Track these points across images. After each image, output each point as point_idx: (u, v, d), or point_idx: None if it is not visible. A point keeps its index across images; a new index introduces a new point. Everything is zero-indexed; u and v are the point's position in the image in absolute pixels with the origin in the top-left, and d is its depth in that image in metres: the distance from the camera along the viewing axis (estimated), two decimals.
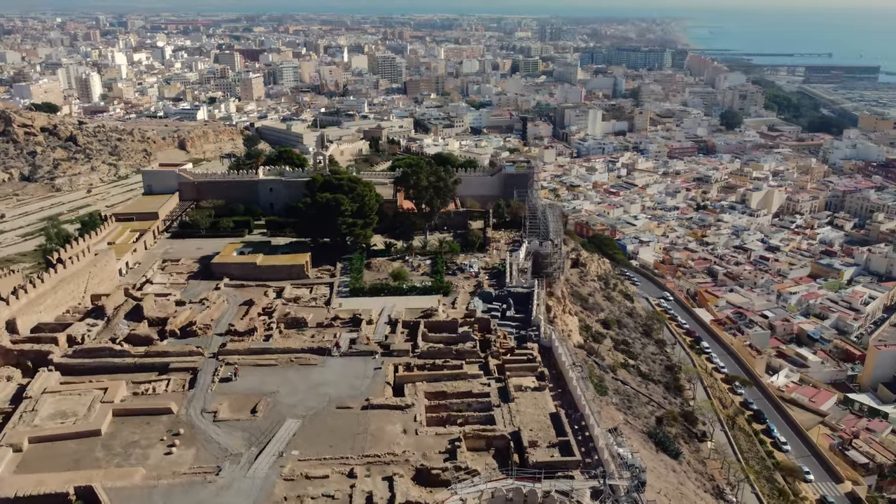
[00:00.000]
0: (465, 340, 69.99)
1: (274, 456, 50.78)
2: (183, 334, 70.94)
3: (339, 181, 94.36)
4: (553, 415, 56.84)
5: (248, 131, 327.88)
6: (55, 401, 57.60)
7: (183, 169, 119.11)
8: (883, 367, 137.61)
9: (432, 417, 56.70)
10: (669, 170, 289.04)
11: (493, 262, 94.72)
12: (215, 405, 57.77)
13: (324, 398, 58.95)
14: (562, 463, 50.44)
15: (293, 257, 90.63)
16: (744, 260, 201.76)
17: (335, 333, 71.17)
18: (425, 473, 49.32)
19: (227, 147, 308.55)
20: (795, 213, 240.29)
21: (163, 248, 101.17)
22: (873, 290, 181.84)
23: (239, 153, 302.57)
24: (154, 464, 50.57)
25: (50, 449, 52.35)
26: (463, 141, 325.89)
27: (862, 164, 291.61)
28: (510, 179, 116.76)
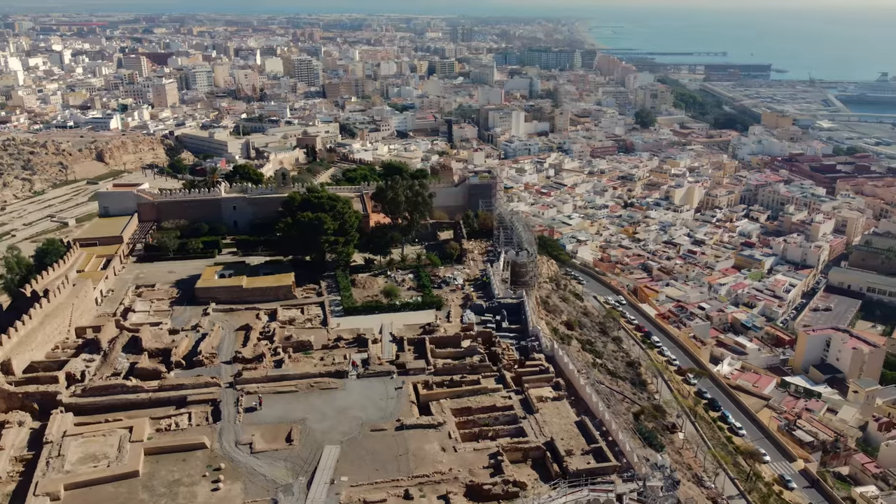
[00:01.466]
0: (472, 354, 72.45)
1: (326, 484, 51.70)
2: (189, 365, 70.01)
3: (319, 199, 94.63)
4: (578, 423, 60.20)
5: (168, 140, 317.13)
6: (80, 444, 56.16)
7: (141, 189, 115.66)
8: (812, 350, 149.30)
9: (465, 434, 58.88)
10: (594, 169, 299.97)
11: (474, 273, 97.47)
12: (248, 436, 57.87)
13: (354, 422, 60.05)
14: (600, 469, 53.81)
15: (278, 278, 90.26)
16: (674, 254, 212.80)
17: (344, 355, 72.07)
18: (476, 489, 51.59)
19: (147, 157, 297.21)
20: (715, 207, 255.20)
21: (132, 272, 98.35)
22: (792, 278, 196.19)
23: (161, 163, 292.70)
24: (204, 501, 50.52)
25: (88, 495, 51.30)
26: (391, 145, 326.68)
27: (768, 158, 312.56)
28: (474, 189, 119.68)
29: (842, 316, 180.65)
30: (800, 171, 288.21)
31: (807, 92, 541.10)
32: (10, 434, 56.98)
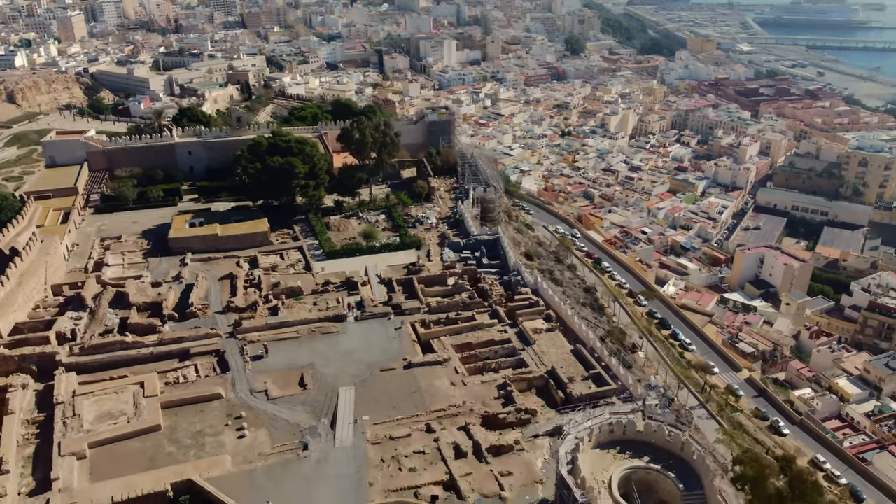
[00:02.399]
0: (460, 291, 75.04)
1: (350, 424, 53.99)
2: (182, 317, 69.84)
3: (287, 143, 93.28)
4: (573, 351, 64.17)
5: (84, 78, 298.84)
6: (93, 402, 56.24)
7: (89, 137, 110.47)
8: (747, 268, 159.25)
9: (470, 368, 61.97)
10: (530, 98, 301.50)
11: (444, 211, 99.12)
12: (261, 384, 59.20)
13: (362, 363, 62.12)
14: (601, 393, 58.06)
15: (253, 224, 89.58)
16: (613, 181, 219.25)
17: (337, 299, 73.36)
18: (491, 419, 55.03)
19: (63, 98, 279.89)
20: (648, 133, 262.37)
21: (93, 225, 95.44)
22: (724, 200, 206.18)
23: (79, 104, 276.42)
24: (233, 449, 52.01)
25: (114, 451, 51.96)
26: (322, 78, 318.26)
27: (695, 83, 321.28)
28: (434, 126, 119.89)
29: (770, 234, 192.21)
30: (725, 95, 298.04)
31: (726, 15, 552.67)
32: (16, 397, 56.38)
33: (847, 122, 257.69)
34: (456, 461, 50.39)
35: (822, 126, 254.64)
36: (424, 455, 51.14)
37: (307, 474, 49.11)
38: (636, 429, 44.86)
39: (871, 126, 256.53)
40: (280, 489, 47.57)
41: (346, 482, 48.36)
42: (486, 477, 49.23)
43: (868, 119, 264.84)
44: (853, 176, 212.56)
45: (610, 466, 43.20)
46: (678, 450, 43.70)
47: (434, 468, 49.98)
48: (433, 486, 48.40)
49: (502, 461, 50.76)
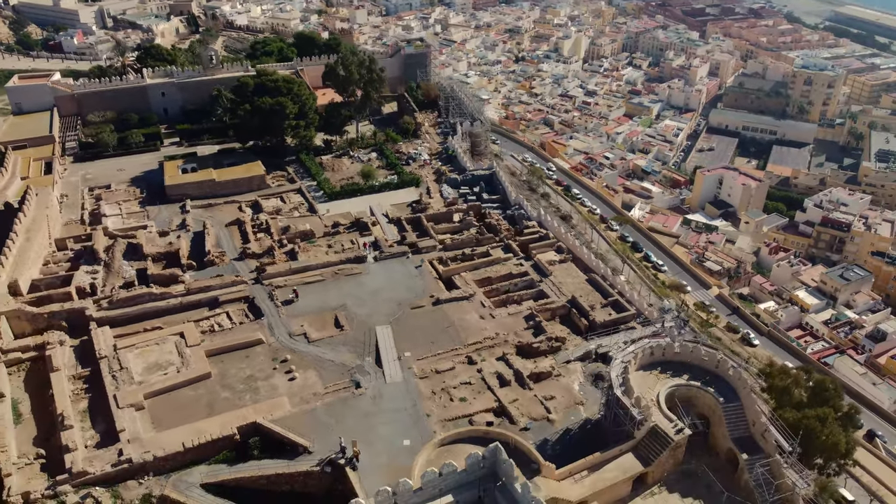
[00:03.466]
0: (468, 227, 77.45)
1: (395, 360, 56.69)
2: (200, 266, 70.26)
3: (275, 83, 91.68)
4: (588, 280, 67.81)
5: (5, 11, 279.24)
6: (137, 355, 57.19)
7: (56, 81, 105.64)
8: (707, 189, 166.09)
9: (494, 301, 65.00)
10: (480, 23, 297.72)
11: (433, 147, 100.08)
12: (298, 327, 61.00)
13: (391, 302, 64.40)
14: (621, 319, 62.20)
15: (248, 168, 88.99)
16: (571, 107, 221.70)
17: (351, 240, 74.76)
18: (525, 348, 58.61)
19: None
20: (601, 57, 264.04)
21: (76, 174, 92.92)
22: (679, 123, 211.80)
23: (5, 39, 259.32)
24: (287, 391, 54.18)
25: (170, 401, 53.47)
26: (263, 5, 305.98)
27: (642, 3, 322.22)
28: (410, 59, 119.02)
29: (723, 154, 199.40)
30: (673, 15, 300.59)
31: None
32: (57, 354, 56.76)
33: (790, 41, 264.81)
34: (501, 389, 53.95)
35: (767, 45, 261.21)
36: (471, 385, 54.48)
37: (366, 410, 51.90)
38: (674, 350, 48.99)
39: (813, 44, 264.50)
40: (343, 425, 50.30)
41: (405, 415, 51.40)
42: (531, 402, 53.03)
43: (809, 37, 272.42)
44: (799, 95, 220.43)
45: (655, 385, 47.42)
46: (713, 367, 48.14)
47: (482, 397, 53.46)
48: (485, 414, 51.93)
49: (543, 386, 54.60)
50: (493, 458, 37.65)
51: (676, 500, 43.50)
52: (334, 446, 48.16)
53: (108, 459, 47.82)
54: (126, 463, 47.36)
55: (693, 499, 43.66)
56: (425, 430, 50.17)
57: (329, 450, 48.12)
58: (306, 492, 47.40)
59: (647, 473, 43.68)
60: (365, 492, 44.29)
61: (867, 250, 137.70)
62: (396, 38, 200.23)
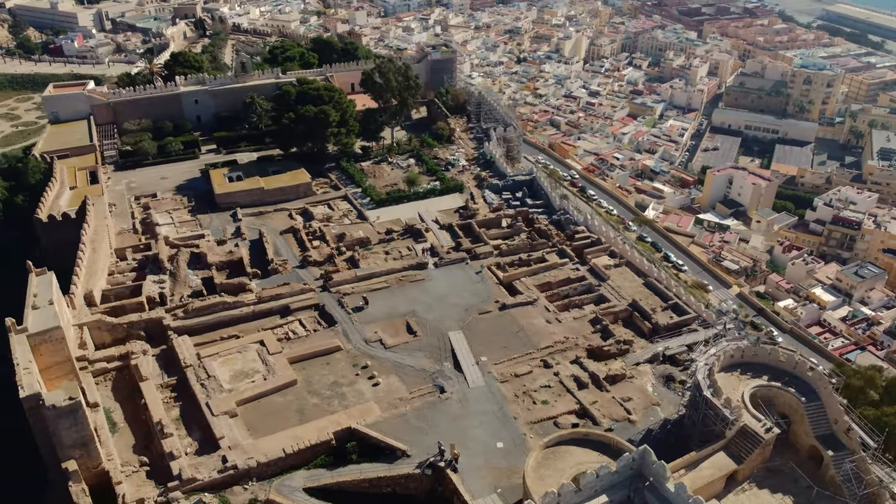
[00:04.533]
0: (518, 233, 79.54)
1: (474, 365, 58.61)
2: (265, 274, 71.71)
3: (317, 91, 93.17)
4: (645, 284, 70.10)
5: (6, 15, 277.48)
6: (221, 363, 58.71)
7: (91, 89, 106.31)
8: (716, 188, 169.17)
9: (558, 306, 67.08)
10: (479, 23, 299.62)
11: (469, 153, 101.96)
12: (372, 334, 62.75)
13: (458, 308, 66.31)
14: (683, 322, 64.55)
15: (294, 176, 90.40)
16: (575, 108, 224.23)
17: (408, 246, 76.50)
18: (595, 351, 60.83)
19: None
20: (602, 57, 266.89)
21: (120, 182, 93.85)
22: (683, 122, 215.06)
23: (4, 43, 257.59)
24: (374, 396, 55.96)
25: (260, 408, 55.08)
26: (262, 7, 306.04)
27: (638, 3, 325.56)
28: (437, 65, 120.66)
29: (728, 154, 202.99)
30: (669, 15, 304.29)
31: None
32: (143, 363, 58.16)
33: (786, 40, 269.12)
34: (580, 391, 56.11)
35: (764, 44, 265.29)
36: (550, 388, 56.57)
37: (454, 414, 53.81)
38: (752, 352, 51.37)
39: (809, 43, 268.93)
40: (435, 429, 52.18)
41: (493, 418, 53.38)
42: (610, 403, 55.24)
43: (805, 36, 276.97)
44: (799, 94, 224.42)
45: (738, 386, 49.74)
46: (791, 368, 50.56)
47: (563, 399, 55.57)
48: (568, 416, 54.05)
49: (619, 388, 56.82)
50: (642, 460, 39.75)
51: (766, 495, 45.82)
52: (431, 449, 50.04)
53: (214, 466, 49.40)
54: (232, 469, 48.99)
55: (782, 494, 46.00)
56: (515, 432, 52.21)
57: (427, 453, 49.99)
58: (407, 494, 49.21)
59: (738, 471, 45.96)
60: (471, 493, 46.24)
61: (878, 248, 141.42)
62: (422, 44, 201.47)
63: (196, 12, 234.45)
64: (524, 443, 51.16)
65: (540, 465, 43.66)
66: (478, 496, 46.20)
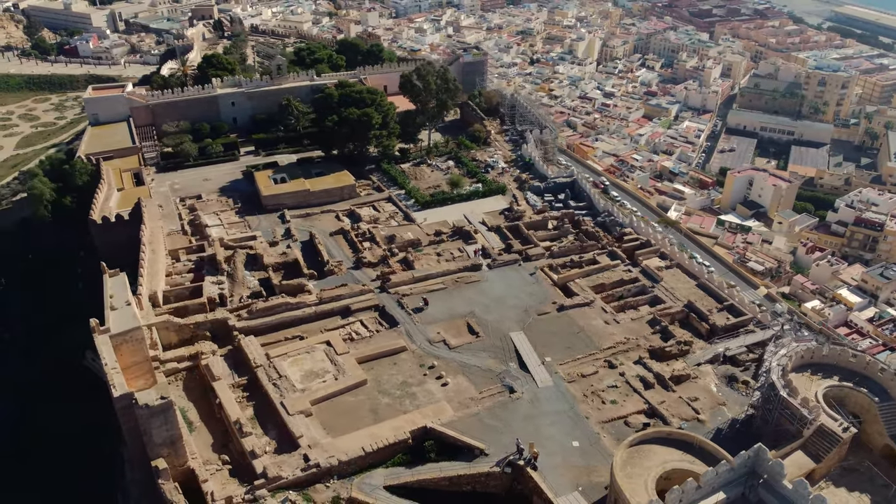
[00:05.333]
0: (566, 235, 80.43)
1: (540, 365, 59.49)
2: (320, 275, 72.53)
3: (359, 94, 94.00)
4: (699, 285, 71.01)
5: (16, 15, 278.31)
6: (290, 363, 59.51)
7: (131, 92, 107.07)
8: (737, 189, 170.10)
9: (613, 307, 67.96)
10: (491, 25, 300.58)
11: (506, 155, 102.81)
12: (435, 335, 63.60)
13: (517, 309, 67.20)
14: (740, 322, 65.45)
15: (338, 178, 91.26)
16: (591, 109, 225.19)
17: (459, 248, 77.34)
18: (657, 352, 61.73)
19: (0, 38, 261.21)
20: (614, 58, 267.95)
21: (164, 184, 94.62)
22: (699, 124, 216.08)
23: (19, 44, 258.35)
24: (444, 396, 56.80)
25: (333, 407, 55.93)
26: (273, 8, 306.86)
27: (648, 4, 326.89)
28: (469, 67, 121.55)
29: (744, 155, 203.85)
30: (680, 16, 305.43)
31: None
32: (214, 364, 59.00)
33: (798, 42, 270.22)
34: (647, 391, 57.00)
35: (776, 46, 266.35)
36: (617, 388, 57.46)
37: (526, 413, 54.69)
38: (822, 353, 52.30)
39: (821, 45, 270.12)
40: (510, 428, 53.06)
41: (565, 417, 54.26)
42: (677, 403, 56.14)
43: (816, 38, 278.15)
44: (813, 95, 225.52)
45: (810, 387, 50.69)
46: (861, 369, 51.51)
47: (631, 399, 56.47)
48: (638, 415, 54.94)
49: (684, 388, 57.72)
50: (756, 458, 40.65)
51: (844, 493, 46.77)
52: (507, 448, 50.93)
53: (296, 464, 50.23)
54: (314, 467, 49.84)
55: (859, 493, 46.94)
56: (588, 431, 53.11)
57: (503, 451, 50.86)
58: (487, 492, 50.07)
59: (816, 469, 46.91)
60: (553, 491, 47.12)
61: None
62: (453, 47, 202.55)
63: (213, 14, 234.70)
64: (598, 442, 52.08)
65: (626, 463, 44.56)
66: (559, 494, 47.03)
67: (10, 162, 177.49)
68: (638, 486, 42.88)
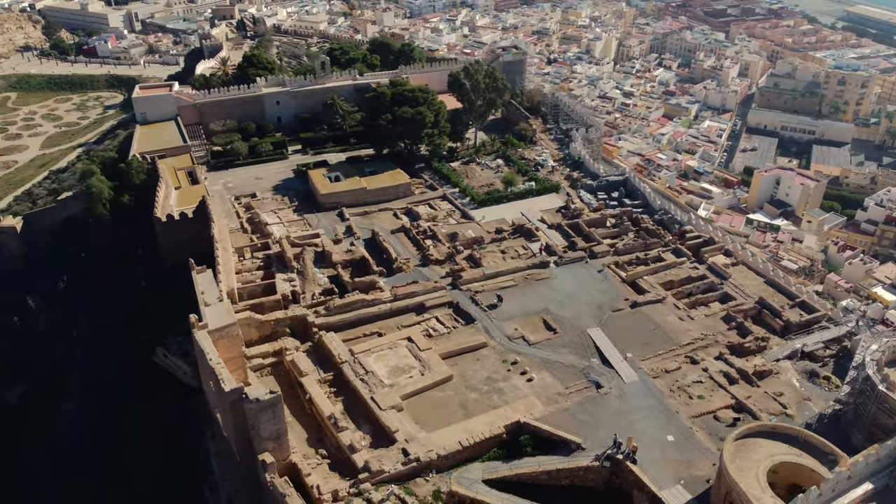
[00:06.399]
0: (626, 232, 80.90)
1: (623, 361, 59.96)
2: (390, 272, 72.98)
3: (411, 93, 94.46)
4: (767, 282, 71.52)
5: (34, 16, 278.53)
6: (374, 359, 59.93)
7: (178, 91, 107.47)
8: (764, 189, 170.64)
9: (684, 303, 68.42)
10: (507, 24, 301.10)
11: (553, 153, 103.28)
12: (512, 331, 64.06)
13: (590, 305, 67.70)
14: (814, 319, 65.94)
15: (392, 176, 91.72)
16: (611, 108, 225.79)
17: (523, 245, 77.82)
18: (735, 348, 62.22)
19: (18, 39, 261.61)
20: (631, 58, 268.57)
21: (217, 183, 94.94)
22: (720, 123, 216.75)
23: (37, 44, 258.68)
24: (531, 392, 57.21)
25: (423, 402, 56.38)
26: (289, 9, 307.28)
27: (662, 4, 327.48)
28: (508, 66, 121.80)
29: (766, 154, 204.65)
30: (694, 15, 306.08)
31: None
32: (299, 360, 59.46)
33: (814, 41, 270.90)
34: (731, 387, 57.48)
35: (793, 46, 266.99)
36: (702, 384, 57.96)
37: (617, 408, 55.16)
38: None
39: (837, 44, 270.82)
40: (602, 423, 53.54)
41: (655, 412, 54.74)
42: (763, 398, 56.64)
43: (832, 37, 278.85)
44: (833, 95, 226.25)
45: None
46: None
47: (717, 394, 56.96)
48: (726, 410, 55.43)
49: (767, 384, 58.24)
50: None
51: None
52: (602, 443, 51.40)
53: (396, 458, 50.66)
54: (415, 461, 50.29)
55: None
56: (681, 426, 53.58)
57: (599, 446, 51.33)
58: (585, 486, 50.54)
59: None
60: (657, 484, 47.61)
61: None
62: (492, 46, 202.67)
63: (234, 14, 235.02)
64: (693, 436, 52.57)
65: (734, 457, 45.03)
66: (662, 487, 47.50)
67: (37, 162, 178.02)
68: (750, 478, 43.37)
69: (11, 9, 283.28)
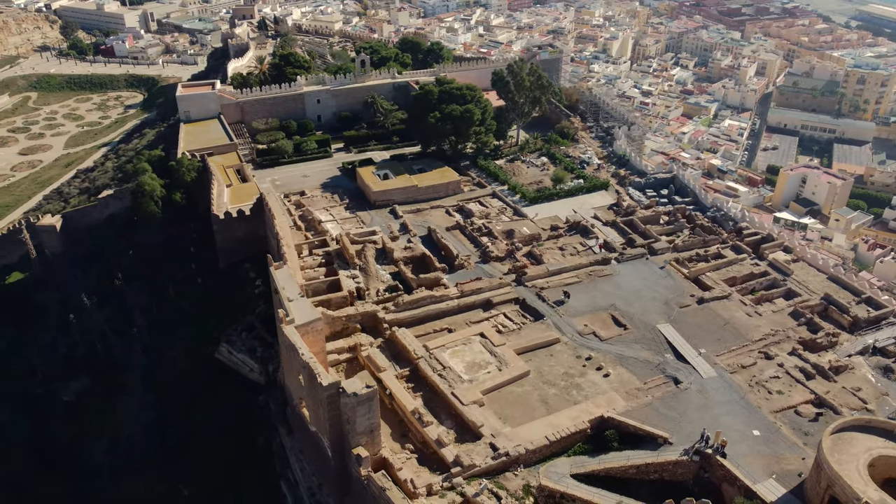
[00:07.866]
0: (681, 229, 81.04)
1: (697, 356, 60.11)
2: (451, 268, 73.15)
3: (459, 91, 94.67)
4: (830, 278, 71.65)
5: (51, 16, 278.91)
6: (450, 355, 60.07)
7: (221, 89, 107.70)
8: (790, 187, 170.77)
9: (750, 300, 68.57)
10: (521, 24, 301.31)
11: (597, 151, 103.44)
12: (583, 327, 64.22)
13: (657, 301, 67.86)
14: (882, 315, 66.08)
15: (442, 174, 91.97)
16: (631, 108, 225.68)
17: (580, 242, 77.97)
18: (807, 343, 62.36)
19: (36, 39, 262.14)
20: (648, 57, 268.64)
21: (264, 181, 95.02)
22: (741, 122, 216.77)
23: (55, 44, 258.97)
24: (609, 387, 57.38)
25: (503, 396, 56.56)
26: (303, 8, 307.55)
27: (675, 3, 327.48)
28: (545, 65, 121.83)
29: (787, 153, 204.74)
30: (709, 15, 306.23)
31: None
32: (375, 356, 59.64)
33: (830, 40, 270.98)
34: (809, 382, 57.61)
35: (809, 45, 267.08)
36: (780, 379, 58.09)
37: (699, 403, 55.32)
38: None
39: (854, 43, 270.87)
40: (686, 418, 53.70)
41: (737, 407, 54.88)
42: (842, 393, 56.78)
43: (848, 36, 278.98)
44: (852, 94, 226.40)
45: None
46: None
47: (796, 389, 57.10)
48: (807, 405, 55.58)
49: (844, 379, 58.35)
50: None
51: None
52: (690, 437, 51.55)
53: (485, 453, 50.84)
54: (504, 456, 50.47)
55: None
56: (765, 420, 53.70)
57: (687, 440, 51.48)
58: (673, 480, 50.69)
59: None
60: (751, 478, 47.75)
61: None
62: (530, 45, 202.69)
63: (254, 13, 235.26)
64: (778, 431, 52.70)
65: (832, 450, 45.20)
66: (756, 482, 47.64)
67: (62, 161, 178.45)
68: (850, 472, 43.55)
69: (28, 9, 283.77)
